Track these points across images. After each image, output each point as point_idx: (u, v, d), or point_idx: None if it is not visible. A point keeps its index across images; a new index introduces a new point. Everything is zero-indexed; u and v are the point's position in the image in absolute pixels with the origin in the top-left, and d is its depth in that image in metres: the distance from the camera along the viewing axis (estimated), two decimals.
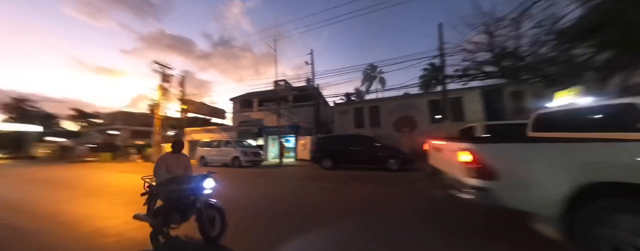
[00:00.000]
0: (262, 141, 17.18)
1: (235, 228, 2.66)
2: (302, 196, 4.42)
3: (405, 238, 2.36)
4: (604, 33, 8.77)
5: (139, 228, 2.77)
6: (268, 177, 7.37)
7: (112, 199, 4.66)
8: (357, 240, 2.33)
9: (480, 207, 2.42)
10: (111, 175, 9.05)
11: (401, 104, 13.91)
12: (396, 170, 7.69)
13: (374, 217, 3.06)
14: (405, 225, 2.74)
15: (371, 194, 4.34)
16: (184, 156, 3.08)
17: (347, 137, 9.53)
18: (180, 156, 3.03)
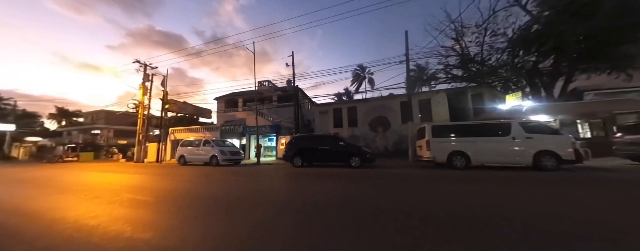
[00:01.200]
0: (244, 140, 17.56)
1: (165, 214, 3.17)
2: (244, 189, 4.93)
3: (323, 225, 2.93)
4: (543, 43, 9.75)
5: (94, 217, 3.21)
6: (237, 174, 7.83)
7: (78, 195, 5.03)
8: (241, 228, 2.88)
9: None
10: (83, 174, 9.27)
11: (376, 106, 14.65)
12: (358, 167, 8.36)
13: (278, 207, 3.62)
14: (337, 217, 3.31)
15: (308, 188, 4.92)
16: None
17: (315, 137, 10.14)
18: None
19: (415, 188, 4.69)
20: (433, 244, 1.98)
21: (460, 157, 7.13)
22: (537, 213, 2.84)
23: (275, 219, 2.91)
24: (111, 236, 2.43)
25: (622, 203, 3.27)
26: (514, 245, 1.92)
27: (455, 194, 3.94)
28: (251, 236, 2.35)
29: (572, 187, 4.34)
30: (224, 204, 3.87)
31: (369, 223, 2.67)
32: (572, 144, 6.27)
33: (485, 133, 7.13)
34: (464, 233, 2.21)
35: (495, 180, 5.16)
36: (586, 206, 3.13)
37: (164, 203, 3.95)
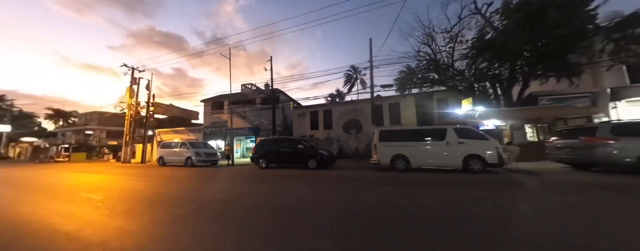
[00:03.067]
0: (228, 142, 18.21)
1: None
2: (190, 189, 5.57)
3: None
4: (495, 50, 10.37)
5: (62, 216, 3.70)
6: (200, 175, 8.48)
7: (43, 193, 5.68)
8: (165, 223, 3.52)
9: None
10: (62, 174, 9.93)
11: (350, 109, 15.28)
12: (314, 168, 9.01)
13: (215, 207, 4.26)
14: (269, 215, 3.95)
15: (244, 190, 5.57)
16: None
17: (278, 140, 10.77)
18: None
19: (340, 188, 5.32)
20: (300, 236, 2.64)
21: (401, 160, 7.76)
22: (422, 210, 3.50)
23: (192, 214, 3.53)
24: (38, 228, 3.05)
25: (500, 201, 3.88)
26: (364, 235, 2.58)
27: (367, 194, 4.59)
28: (164, 228, 2.96)
29: (476, 189, 4.95)
30: (160, 201, 4.51)
31: (262, 219, 3.34)
32: (496, 149, 6.88)
33: (425, 138, 7.75)
34: (336, 226, 2.90)
35: (418, 182, 5.78)
36: (461, 204, 3.76)
37: (111, 201, 4.59)
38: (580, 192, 4.45)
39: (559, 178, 5.90)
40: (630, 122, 6.48)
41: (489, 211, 3.35)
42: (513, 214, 3.27)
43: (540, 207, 3.51)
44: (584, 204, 3.62)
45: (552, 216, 3.03)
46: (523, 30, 10.53)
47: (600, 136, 6.32)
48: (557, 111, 9.67)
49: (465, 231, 2.52)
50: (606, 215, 3.10)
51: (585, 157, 6.60)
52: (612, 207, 3.50)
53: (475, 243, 2.21)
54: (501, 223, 2.83)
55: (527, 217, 3.12)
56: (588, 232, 2.46)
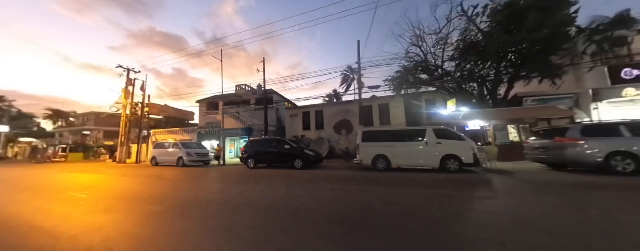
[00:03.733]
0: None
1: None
2: (171, 188, 5.79)
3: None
4: (474, 53, 10.60)
5: (44, 213, 3.93)
6: (188, 175, 8.71)
7: (30, 192, 5.90)
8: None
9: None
10: (54, 174, 10.17)
11: (340, 110, 15.50)
12: (300, 168, 9.24)
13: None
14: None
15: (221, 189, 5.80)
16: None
17: (266, 140, 11.00)
18: None
19: (314, 186, 5.55)
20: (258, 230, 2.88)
21: (382, 160, 7.99)
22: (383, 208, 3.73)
23: (165, 211, 3.76)
24: (17, 224, 3.28)
25: (461, 199, 4.11)
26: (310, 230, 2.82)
27: (335, 192, 4.83)
28: (135, 224, 3.19)
29: (443, 187, 5.18)
30: (139, 199, 4.75)
31: (229, 217, 3.59)
32: (472, 149, 7.11)
33: (404, 138, 7.97)
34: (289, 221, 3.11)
35: (390, 181, 6.01)
36: (421, 202, 3.99)
37: (94, 199, 4.83)
38: (543, 191, 4.66)
39: (528, 178, 6.13)
40: (598, 123, 6.70)
41: (446, 208, 3.57)
42: (465, 212, 3.47)
43: (496, 205, 3.73)
44: (537, 203, 3.85)
45: (501, 214, 3.24)
46: (506, 33, 10.77)
47: (570, 137, 6.54)
48: (536, 111, 9.89)
49: (413, 227, 2.73)
50: (551, 212, 3.29)
51: (558, 157, 6.82)
52: (561, 205, 3.70)
53: (419, 237, 2.37)
54: (450, 220, 3.03)
55: (479, 215, 3.31)
56: (527, 229, 2.62)
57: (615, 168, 5.92)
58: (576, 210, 3.34)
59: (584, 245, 2.15)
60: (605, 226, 2.66)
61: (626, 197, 4.06)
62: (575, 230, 2.55)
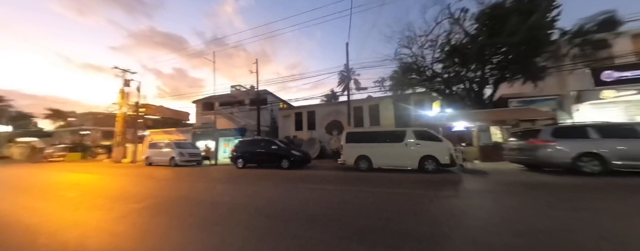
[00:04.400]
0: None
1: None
2: (154, 187, 6.06)
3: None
4: (459, 55, 10.85)
5: (30, 210, 4.22)
6: (176, 174, 8.99)
7: (32, 192, 6.17)
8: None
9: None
10: (48, 173, 10.45)
11: (332, 110, 15.75)
12: (287, 168, 9.51)
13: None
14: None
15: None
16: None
17: (255, 141, 11.28)
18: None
19: (292, 186, 5.81)
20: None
21: (364, 160, 8.25)
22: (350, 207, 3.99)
23: (145, 209, 4.01)
24: (3, 222, 3.55)
25: (428, 198, 4.37)
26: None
27: (311, 192, 5.09)
28: (113, 221, 3.45)
29: (415, 187, 5.43)
30: (123, 197, 5.01)
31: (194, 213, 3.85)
32: (448, 150, 7.36)
33: (386, 139, 8.23)
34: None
35: (368, 180, 6.27)
36: (388, 200, 4.25)
37: (81, 197, 5.10)
38: (509, 191, 4.87)
39: (499, 178, 6.37)
40: (568, 125, 6.94)
41: (403, 207, 3.83)
42: (430, 210, 3.63)
43: (454, 204, 3.98)
44: (497, 202, 4.09)
45: (458, 212, 3.46)
46: (490, 36, 11.00)
47: (542, 139, 6.78)
48: (516, 113, 10.13)
49: (360, 224, 2.98)
50: (506, 211, 3.50)
51: (532, 158, 7.07)
52: (522, 204, 3.91)
53: (358, 234, 2.57)
54: (401, 218, 3.25)
55: (433, 213, 3.51)
56: (477, 226, 2.85)
57: (582, 169, 6.17)
58: (531, 209, 3.59)
59: (537, 242, 2.32)
60: (551, 225, 2.81)
61: (583, 197, 4.30)
62: (528, 229, 2.69)
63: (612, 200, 4.02)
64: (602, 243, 2.26)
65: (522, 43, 10.14)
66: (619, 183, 5.26)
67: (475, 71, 11.82)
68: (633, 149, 5.90)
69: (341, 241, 2.42)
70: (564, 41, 11.00)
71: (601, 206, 3.60)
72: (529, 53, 10.37)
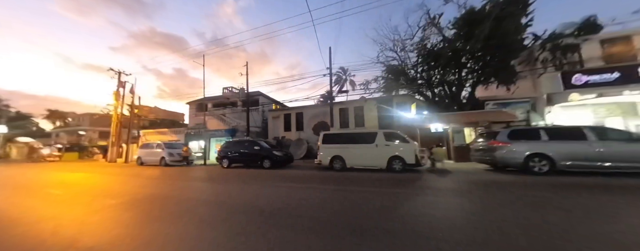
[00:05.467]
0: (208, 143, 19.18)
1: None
2: (138, 186, 6.53)
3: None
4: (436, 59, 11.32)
5: (16, 206, 4.73)
6: (162, 173, 9.48)
7: (22, 189, 6.64)
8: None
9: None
10: (42, 172, 10.94)
11: (319, 112, 16.23)
12: (268, 168, 10.00)
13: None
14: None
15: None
16: None
17: (239, 142, 11.76)
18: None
19: (261, 184, 6.29)
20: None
21: (338, 161, 8.73)
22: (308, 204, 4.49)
23: (120, 204, 4.48)
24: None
25: (380, 195, 4.85)
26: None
27: (278, 189, 5.57)
28: (89, 214, 3.93)
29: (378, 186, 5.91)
30: (104, 194, 5.49)
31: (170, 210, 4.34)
32: (414, 151, 7.83)
33: (359, 141, 8.71)
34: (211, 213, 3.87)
35: (336, 179, 6.75)
36: (340, 197, 4.73)
37: (66, 194, 5.59)
38: (462, 189, 5.26)
39: (459, 177, 6.83)
40: (523, 128, 7.42)
41: (353, 202, 4.29)
42: (375, 205, 4.01)
43: (401, 200, 4.44)
44: (446, 198, 4.54)
45: (405, 207, 3.89)
46: (466, 41, 11.48)
47: (500, 140, 7.26)
48: (486, 115, 10.60)
49: (317, 216, 3.40)
50: (450, 207, 3.91)
51: (491, 158, 7.54)
52: (466, 200, 4.34)
53: (308, 228, 2.91)
54: (348, 211, 3.66)
55: (380, 208, 3.89)
56: (416, 220, 3.22)
57: (532, 168, 6.64)
58: (471, 203, 4.07)
59: (466, 235, 2.63)
60: (485, 218, 3.23)
61: (525, 194, 4.74)
62: (463, 223, 3.07)
63: (547, 196, 4.44)
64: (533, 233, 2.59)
65: (495, 48, 10.62)
66: (560, 181, 5.72)
67: (453, 74, 12.30)
68: (577, 151, 6.38)
69: (275, 229, 2.90)
70: (536, 46, 11.47)
71: (537, 202, 4.02)
72: (502, 57, 10.84)
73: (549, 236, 2.52)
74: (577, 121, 10.28)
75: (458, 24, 11.91)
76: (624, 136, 6.30)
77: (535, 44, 11.42)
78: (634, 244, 2.31)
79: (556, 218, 3.09)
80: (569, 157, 6.43)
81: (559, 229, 2.72)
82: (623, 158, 6.03)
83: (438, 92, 13.38)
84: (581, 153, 6.33)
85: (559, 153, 6.47)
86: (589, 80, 10.91)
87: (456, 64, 11.57)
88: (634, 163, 5.96)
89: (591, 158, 6.23)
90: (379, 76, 14.69)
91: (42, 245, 2.66)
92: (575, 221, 2.99)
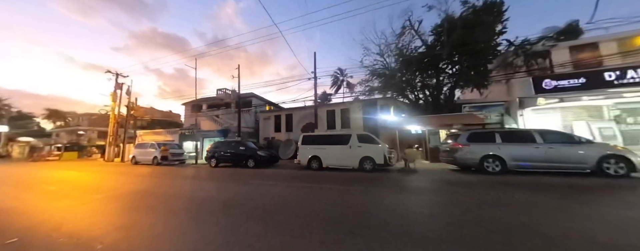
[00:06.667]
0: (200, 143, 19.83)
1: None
2: (124, 183, 7.17)
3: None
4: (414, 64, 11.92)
5: (13, 199, 5.42)
6: (152, 171, 10.11)
7: (20, 185, 7.29)
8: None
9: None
10: (40, 171, 11.61)
11: (308, 113, 16.81)
12: (252, 167, 10.64)
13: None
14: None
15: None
16: None
17: (227, 142, 12.42)
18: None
19: (236, 182, 6.92)
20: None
21: (315, 161, 9.35)
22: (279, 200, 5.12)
23: (104, 199, 5.12)
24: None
25: (341, 192, 5.46)
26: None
27: (256, 187, 6.19)
28: (77, 206, 4.58)
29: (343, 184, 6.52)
30: (93, 189, 6.12)
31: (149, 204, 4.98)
32: (383, 152, 8.44)
33: (335, 142, 9.33)
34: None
35: (309, 178, 7.36)
36: (305, 193, 5.35)
37: (59, 190, 6.22)
38: (421, 186, 5.90)
39: (423, 177, 7.44)
40: (480, 131, 8.01)
41: (312, 198, 4.92)
42: (332, 200, 4.61)
43: (357, 196, 5.07)
44: (403, 195, 5.18)
45: (356, 202, 4.54)
46: (444, 47, 12.08)
47: (460, 142, 7.86)
48: (457, 118, 11.18)
49: (274, 209, 4.10)
50: (403, 202, 4.55)
51: (452, 159, 8.15)
52: (418, 197, 4.95)
53: (286, 216, 3.55)
54: (315, 205, 4.28)
55: (336, 203, 4.56)
56: (365, 213, 4.00)
57: (486, 168, 7.24)
58: (416, 197, 4.69)
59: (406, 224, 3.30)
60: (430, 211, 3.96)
61: (476, 191, 5.38)
62: (409, 214, 3.82)
63: (490, 194, 5.03)
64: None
65: (469, 53, 11.21)
66: (507, 180, 6.31)
67: (431, 78, 12.90)
68: (526, 152, 6.97)
69: (225, 217, 3.54)
70: (509, 52, 12.05)
71: (477, 199, 4.68)
72: (475, 63, 11.43)
73: (481, 230, 2.81)
74: (547, 124, 10.85)
75: (436, 31, 12.50)
76: (567, 139, 6.88)
77: (508, 50, 12.00)
78: (553, 233, 2.69)
79: (492, 214, 3.51)
80: (518, 158, 7.03)
81: (492, 223, 3.05)
82: (565, 159, 6.62)
83: (419, 96, 13.98)
84: (529, 155, 6.93)
85: (510, 154, 7.07)
86: (558, 85, 11.48)
87: (434, 69, 12.17)
88: (574, 164, 6.55)
89: (538, 159, 6.83)
90: (364, 79, 15.31)
91: (33, 228, 3.30)
92: (510, 216, 3.36)
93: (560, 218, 3.26)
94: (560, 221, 3.13)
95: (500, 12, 11.89)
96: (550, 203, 4.09)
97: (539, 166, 6.84)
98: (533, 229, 2.84)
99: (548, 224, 3.01)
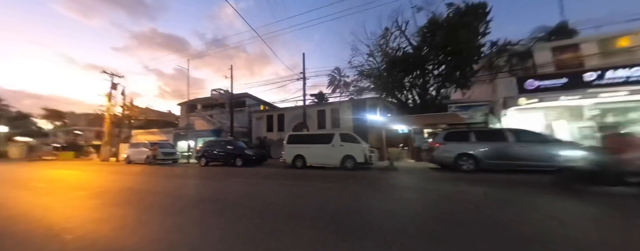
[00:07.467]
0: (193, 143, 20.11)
1: None
2: (113, 181, 7.43)
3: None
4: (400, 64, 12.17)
5: (1, 195, 5.68)
6: (143, 170, 10.39)
7: (12, 182, 7.56)
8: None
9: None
10: (34, 170, 11.88)
11: (299, 113, 17.06)
12: (240, 166, 10.91)
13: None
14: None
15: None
16: None
17: (217, 141, 12.71)
18: None
19: (221, 179, 7.18)
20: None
21: (300, 159, 9.62)
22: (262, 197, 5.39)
23: (89, 195, 5.38)
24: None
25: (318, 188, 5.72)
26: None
27: (239, 184, 6.45)
28: (61, 202, 4.85)
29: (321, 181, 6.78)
30: (79, 187, 6.38)
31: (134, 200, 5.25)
32: (363, 151, 8.70)
33: (319, 141, 9.59)
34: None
35: (290, 176, 7.62)
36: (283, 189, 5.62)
37: (47, 188, 6.49)
38: (395, 183, 6.17)
39: (400, 175, 7.70)
40: (456, 130, 8.27)
41: (294, 195, 5.19)
42: (309, 198, 4.88)
43: (330, 193, 5.33)
44: (377, 191, 5.44)
45: (327, 198, 4.84)
46: (429, 48, 12.33)
47: (437, 141, 8.12)
48: (440, 118, 11.45)
49: (248, 204, 4.36)
50: (376, 198, 4.80)
51: (430, 157, 8.41)
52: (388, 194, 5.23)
53: (272, 213, 3.99)
54: (277, 200, 4.60)
55: (308, 198, 4.88)
56: (334, 208, 4.26)
57: (461, 166, 7.50)
58: (388, 194, 4.96)
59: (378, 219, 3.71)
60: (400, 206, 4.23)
61: (449, 187, 5.63)
62: (380, 210, 4.12)
63: (460, 190, 5.30)
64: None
65: (452, 55, 11.46)
66: (479, 177, 6.56)
67: (418, 78, 13.15)
68: (498, 151, 7.23)
69: (198, 211, 3.81)
70: (493, 53, 12.30)
71: (447, 195, 4.98)
72: (458, 64, 11.68)
73: (448, 223, 2.94)
74: (530, 124, 11.10)
75: (422, 32, 12.75)
76: (538, 138, 7.14)
77: (492, 51, 12.24)
78: (516, 224, 2.88)
79: (461, 208, 3.75)
80: (491, 156, 7.28)
81: (459, 217, 3.21)
82: (535, 157, 6.87)
83: (407, 96, 14.23)
84: (501, 153, 7.18)
85: (483, 153, 7.33)
86: (541, 85, 11.72)
87: (420, 69, 12.42)
88: (544, 162, 6.80)
89: (509, 157, 7.09)
90: (353, 80, 15.58)
91: (14, 219, 3.57)
92: (481, 211, 3.54)
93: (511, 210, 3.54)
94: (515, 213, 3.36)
95: (485, 13, 12.13)
96: (503, 198, 4.36)
97: (510, 165, 7.10)
98: (499, 223, 2.95)
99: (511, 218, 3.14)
